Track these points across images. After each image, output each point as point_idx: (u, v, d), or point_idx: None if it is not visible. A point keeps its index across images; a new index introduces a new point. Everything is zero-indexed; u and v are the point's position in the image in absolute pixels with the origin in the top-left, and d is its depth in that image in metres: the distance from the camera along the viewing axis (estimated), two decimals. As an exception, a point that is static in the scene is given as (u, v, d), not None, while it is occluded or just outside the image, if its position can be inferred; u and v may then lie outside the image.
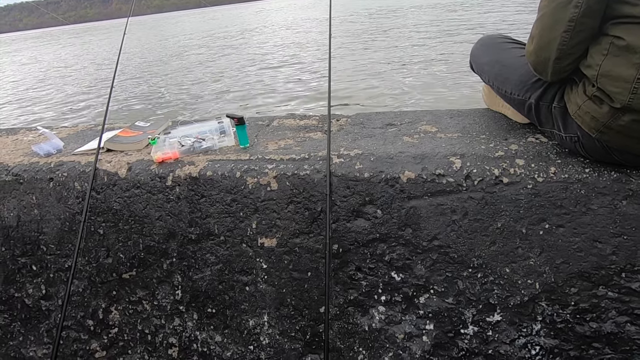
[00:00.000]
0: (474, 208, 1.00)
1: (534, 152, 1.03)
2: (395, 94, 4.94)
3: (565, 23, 0.81)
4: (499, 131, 1.17)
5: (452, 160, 1.03)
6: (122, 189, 1.24)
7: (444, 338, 1.05)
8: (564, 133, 0.96)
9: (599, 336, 0.96)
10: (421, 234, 1.03)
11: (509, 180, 0.98)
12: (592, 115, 0.86)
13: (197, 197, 1.18)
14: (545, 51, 0.87)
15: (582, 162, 0.97)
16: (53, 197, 1.30)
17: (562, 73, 0.90)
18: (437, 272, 1.04)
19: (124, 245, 1.26)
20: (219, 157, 1.22)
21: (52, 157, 1.38)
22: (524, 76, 1.03)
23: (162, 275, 1.25)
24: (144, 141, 1.37)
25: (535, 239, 0.97)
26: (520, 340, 1.01)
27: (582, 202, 0.94)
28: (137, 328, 1.29)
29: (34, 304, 1.38)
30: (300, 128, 1.40)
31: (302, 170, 1.11)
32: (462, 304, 1.03)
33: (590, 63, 0.84)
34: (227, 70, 8.15)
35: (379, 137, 1.22)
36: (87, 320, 1.33)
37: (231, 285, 1.19)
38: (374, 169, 1.06)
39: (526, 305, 0.99)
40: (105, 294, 1.30)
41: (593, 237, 0.94)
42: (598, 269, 0.94)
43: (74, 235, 1.29)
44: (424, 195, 1.02)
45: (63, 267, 1.32)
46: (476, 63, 1.26)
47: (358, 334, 1.11)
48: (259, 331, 1.18)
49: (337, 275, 1.10)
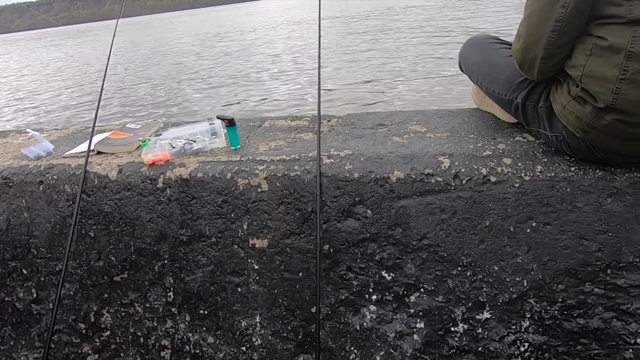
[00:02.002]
0: (463, 207, 1.01)
1: (521, 151, 1.04)
2: (386, 94, 4.96)
3: (552, 22, 0.82)
4: (487, 130, 1.18)
5: (441, 160, 1.04)
6: (112, 191, 1.24)
7: (434, 336, 1.06)
8: (550, 132, 0.98)
9: (586, 332, 0.98)
10: (411, 233, 1.04)
11: (497, 179, 0.99)
12: (576, 115, 0.87)
13: (188, 198, 1.18)
14: (532, 50, 0.88)
15: (568, 160, 0.99)
16: (43, 200, 1.30)
17: (548, 73, 0.91)
18: (427, 270, 1.05)
19: (115, 248, 1.26)
20: (209, 158, 1.22)
21: (42, 160, 1.37)
22: (511, 76, 1.04)
23: (154, 278, 1.25)
24: (134, 143, 1.36)
25: (523, 236, 0.98)
26: (510, 337, 1.02)
27: (568, 200, 0.95)
28: (129, 331, 1.29)
29: (25, 308, 1.37)
30: (291, 129, 1.40)
31: (293, 171, 1.11)
32: (452, 302, 1.04)
33: (574, 63, 0.86)
34: (220, 71, 8.13)
35: (369, 138, 1.23)
36: (78, 324, 1.33)
37: (223, 286, 1.19)
38: (364, 169, 1.07)
39: (515, 302, 1.00)
40: (97, 297, 1.30)
41: (579, 234, 0.95)
42: (584, 266, 0.96)
43: (64, 239, 1.28)
44: (413, 194, 1.03)
45: (54, 270, 1.32)
46: (465, 63, 1.27)
47: (350, 333, 1.12)
48: (252, 332, 1.19)
49: (328, 275, 1.11)
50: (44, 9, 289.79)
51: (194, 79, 7.60)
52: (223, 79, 7.28)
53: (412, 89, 5.07)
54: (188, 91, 6.80)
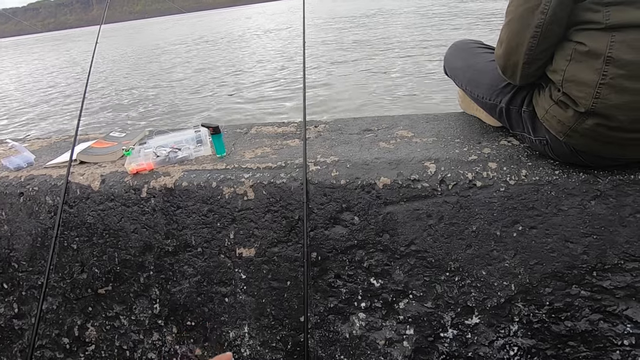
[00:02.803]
0: (449, 212, 1.01)
1: (506, 155, 1.04)
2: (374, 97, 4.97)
3: (533, 29, 0.83)
4: (472, 135, 1.18)
5: (427, 165, 1.04)
6: (95, 202, 1.21)
7: (424, 342, 1.06)
8: (534, 136, 0.98)
9: (574, 334, 0.98)
10: (398, 240, 1.04)
11: (482, 183, 0.99)
12: (558, 119, 0.88)
13: (172, 208, 1.16)
14: (514, 55, 0.88)
15: (552, 164, 0.99)
16: (24, 212, 1.26)
17: (530, 77, 0.92)
18: (415, 277, 1.04)
19: (99, 260, 1.23)
20: (194, 167, 1.21)
21: (22, 170, 1.34)
22: (495, 80, 1.05)
23: (139, 289, 1.22)
24: (118, 152, 1.34)
25: (510, 240, 0.99)
26: (499, 342, 1.02)
27: (552, 203, 0.96)
28: (115, 344, 1.26)
29: (6, 323, 1.33)
30: (278, 135, 1.39)
31: (279, 178, 1.10)
32: (441, 308, 1.04)
33: (555, 68, 0.86)
34: (207, 78, 8.09)
35: (356, 143, 1.22)
36: (62, 338, 1.29)
37: (210, 297, 1.17)
38: (350, 176, 1.06)
39: (503, 306, 1.00)
40: (81, 311, 1.27)
41: (564, 237, 0.96)
42: (570, 269, 0.96)
43: (46, 251, 1.25)
44: (400, 200, 1.03)
45: (36, 284, 1.28)
46: (450, 68, 1.27)
47: (339, 341, 1.10)
48: (240, 342, 1.17)
49: (316, 284, 1.10)
50: (30, 14, 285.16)
51: (179, 86, 7.55)
52: (213, 87, 7.24)
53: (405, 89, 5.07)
54: (177, 98, 6.74)
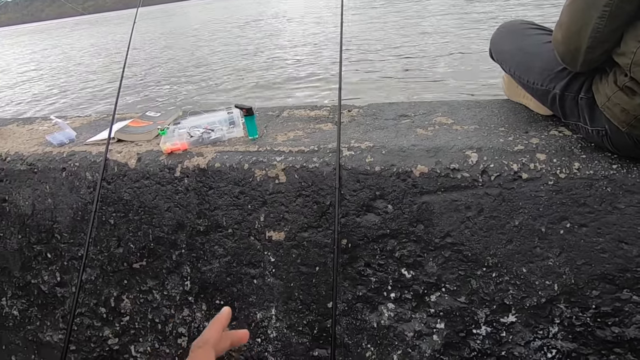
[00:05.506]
0: (490, 205, 0.95)
1: (557, 146, 0.97)
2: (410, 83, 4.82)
3: (600, 8, 0.74)
4: (519, 124, 1.11)
5: (468, 154, 0.98)
6: (132, 179, 1.24)
7: (455, 337, 1.02)
8: (591, 126, 0.90)
9: (621, 341, 0.91)
10: (433, 231, 0.99)
11: (529, 175, 0.93)
12: (622, 108, 0.80)
13: (205, 188, 1.17)
14: (576, 40, 0.80)
15: (610, 157, 0.91)
16: (66, 186, 1.32)
17: (593, 63, 0.83)
18: (449, 270, 1.00)
19: (134, 236, 1.27)
20: (227, 148, 1.20)
21: (64, 147, 1.39)
22: (548, 64, 0.96)
23: (172, 266, 1.25)
24: (153, 131, 1.36)
25: (555, 238, 0.92)
26: (536, 343, 0.97)
27: (607, 200, 0.88)
28: (148, 317, 1.31)
29: (50, 290, 1.41)
30: (310, 119, 1.36)
31: (311, 162, 1.08)
32: (475, 304, 0.99)
33: (623, 50, 0.77)
34: (241, 61, 8.13)
35: (391, 129, 1.18)
36: (99, 308, 1.36)
37: (239, 277, 1.18)
38: (385, 163, 1.02)
39: (543, 306, 0.95)
40: (117, 283, 1.32)
41: (619, 237, 0.88)
42: (623, 272, 0.89)
43: (86, 225, 1.30)
44: (437, 190, 0.98)
45: (76, 255, 1.35)
46: (496, 51, 1.19)
47: (366, 330, 1.09)
48: (267, 324, 1.18)
49: (345, 271, 1.08)
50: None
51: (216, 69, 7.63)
52: (246, 69, 7.27)
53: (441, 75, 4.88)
54: (211, 80, 6.83)
